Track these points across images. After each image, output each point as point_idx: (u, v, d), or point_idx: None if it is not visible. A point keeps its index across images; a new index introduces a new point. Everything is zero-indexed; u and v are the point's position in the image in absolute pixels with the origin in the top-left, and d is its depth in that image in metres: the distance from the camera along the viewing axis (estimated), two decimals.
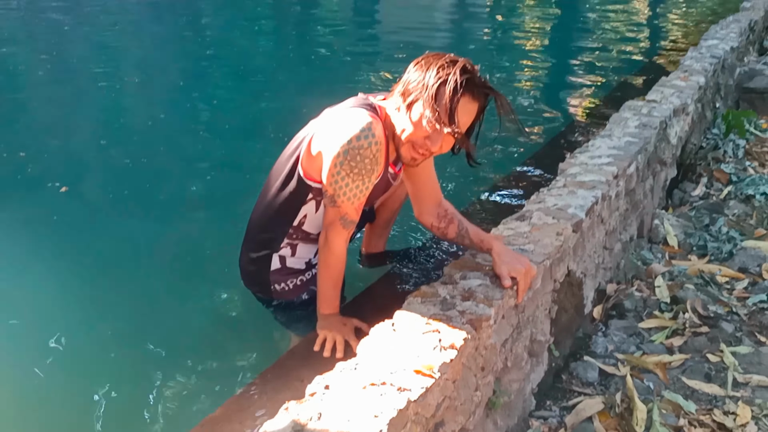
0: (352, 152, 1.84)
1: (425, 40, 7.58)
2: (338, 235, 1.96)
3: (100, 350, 2.31)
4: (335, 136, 1.88)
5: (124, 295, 2.62)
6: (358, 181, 1.88)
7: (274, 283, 2.19)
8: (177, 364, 2.14)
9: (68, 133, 4.49)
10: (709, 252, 3.08)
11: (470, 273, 1.90)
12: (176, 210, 3.44)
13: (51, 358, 2.26)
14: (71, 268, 2.82)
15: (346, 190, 1.89)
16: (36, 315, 2.46)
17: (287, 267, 2.17)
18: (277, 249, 2.15)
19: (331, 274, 2.00)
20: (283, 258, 2.16)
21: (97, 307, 2.55)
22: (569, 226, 2.21)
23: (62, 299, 2.60)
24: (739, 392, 2.19)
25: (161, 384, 2.05)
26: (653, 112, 3.39)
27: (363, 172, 1.87)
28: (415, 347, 1.53)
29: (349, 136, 1.84)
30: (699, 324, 2.53)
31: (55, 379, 2.18)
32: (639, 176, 2.96)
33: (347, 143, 1.84)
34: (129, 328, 2.40)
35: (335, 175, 1.88)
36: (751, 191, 3.64)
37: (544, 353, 2.17)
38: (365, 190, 1.91)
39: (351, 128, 1.85)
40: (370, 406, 1.33)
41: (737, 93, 5.34)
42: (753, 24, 6.48)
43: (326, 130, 1.94)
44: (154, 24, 7.99)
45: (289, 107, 4.85)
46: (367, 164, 1.86)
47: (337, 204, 1.92)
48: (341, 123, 1.89)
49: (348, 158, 1.84)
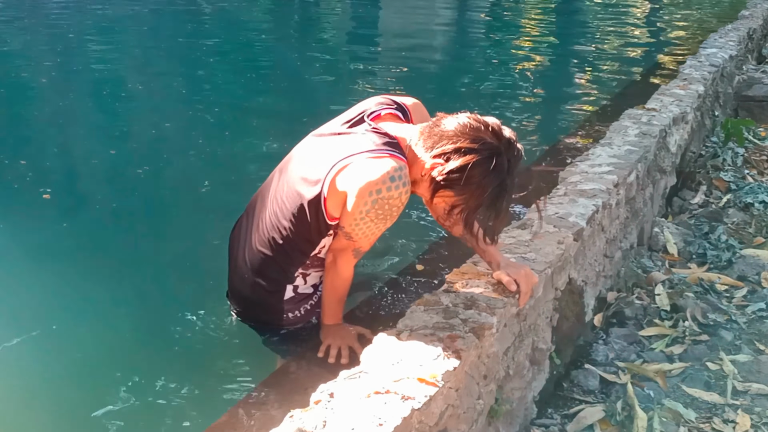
0: (381, 202, 1.78)
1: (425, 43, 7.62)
2: (348, 263, 1.95)
3: (101, 351, 2.31)
4: (364, 184, 1.79)
5: (125, 301, 2.63)
6: (380, 224, 1.84)
7: (287, 312, 2.12)
8: (181, 371, 2.14)
9: (67, 139, 4.50)
10: (708, 260, 3.09)
11: (472, 281, 1.91)
12: (177, 212, 3.44)
13: (48, 365, 2.26)
14: (71, 274, 2.82)
15: (366, 230, 1.85)
16: (33, 321, 2.45)
17: (299, 294, 2.12)
18: (292, 279, 2.08)
19: (337, 294, 2.02)
20: (296, 287, 2.10)
21: (98, 310, 2.55)
22: (570, 234, 2.22)
23: (62, 301, 2.61)
24: (738, 400, 2.21)
25: (164, 392, 2.05)
26: (653, 121, 3.41)
27: (388, 217, 1.83)
28: (418, 355, 1.54)
29: (380, 186, 1.76)
30: (699, 332, 2.55)
31: (55, 381, 2.18)
32: (639, 184, 2.98)
33: (377, 193, 1.77)
34: (130, 335, 2.40)
35: (358, 219, 1.82)
36: (749, 199, 3.66)
37: (546, 361, 2.18)
38: (384, 228, 1.89)
39: (381, 179, 1.76)
40: (375, 414, 1.34)
41: (736, 101, 5.37)
42: (751, 32, 6.52)
43: (354, 175, 1.83)
44: (153, 30, 8.01)
45: (290, 111, 4.88)
46: (394, 211, 1.82)
47: (353, 239, 1.88)
48: (370, 169, 1.80)
49: (376, 207, 1.79)
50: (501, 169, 1.69)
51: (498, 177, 1.70)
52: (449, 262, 2.40)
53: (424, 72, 6.50)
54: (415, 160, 1.82)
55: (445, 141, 1.73)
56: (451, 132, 1.73)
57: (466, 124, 1.73)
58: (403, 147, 1.85)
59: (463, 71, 6.60)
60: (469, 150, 1.69)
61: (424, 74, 6.41)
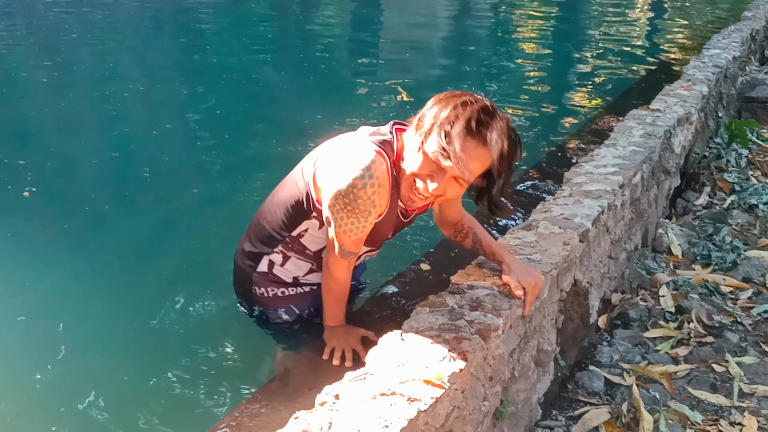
0: (346, 190, 1.78)
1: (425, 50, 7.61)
2: (337, 262, 1.94)
3: (102, 352, 2.32)
4: (335, 171, 1.83)
5: (127, 301, 2.63)
6: (353, 217, 1.83)
7: (255, 284, 2.14)
8: (186, 372, 2.14)
9: (68, 138, 4.49)
10: (713, 261, 3.08)
11: (478, 283, 1.90)
12: (177, 213, 3.44)
13: (49, 364, 2.26)
14: (72, 274, 2.82)
15: (341, 223, 1.85)
16: (32, 323, 2.45)
17: (272, 273, 2.12)
18: (269, 252, 2.10)
19: (334, 295, 2.01)
20: (272, 263, 2.11)
21: (98, 311, 2.56)
22: (576, 235, 2.21)
23: (62, 301, 2.60)
24: (745, 403, 2.19)
25: (169, 392, 2.05)
26: (657, 122, 3.40)
27: (357, 211, 1.82)
28: (424, 357, 1.53)
29: (347, 175, 1.78)
30: (704, 334, 2.53)
31: (56, 381, 2.18)
32: (644, 185, 2.97)
33: (343, 181, 1.78)
34: (133, 336, 2.40)
35: (331, 207, 1.84)
36: (754, 201, 3.65)
37: (551, 363, 2.17)
38: (362, 228, 1.86)
39: (351, 166, 1.79)
40: (381, 416, 1.33)
41: (739, 102, 5.36)
42: (755, 33, 6.51)
43: (329, 162, 1.88)
44: (154, 33, 8.01)
45: (289, 114, 4.87)
46: (361, 205, 1.80)
47: (335, 233, 1.88)
48: (344, 157, 1.83)
49: (342, 195, 1.79)
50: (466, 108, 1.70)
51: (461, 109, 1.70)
52: (455, 263, 2.39)
53: (424, 73, 6.49)
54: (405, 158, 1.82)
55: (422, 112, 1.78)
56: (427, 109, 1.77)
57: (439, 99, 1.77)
58: (398, 148, 1.85)
59: (465, 72, 6.60)
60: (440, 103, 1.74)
61: (425, 75, 6.40)
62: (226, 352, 2.20)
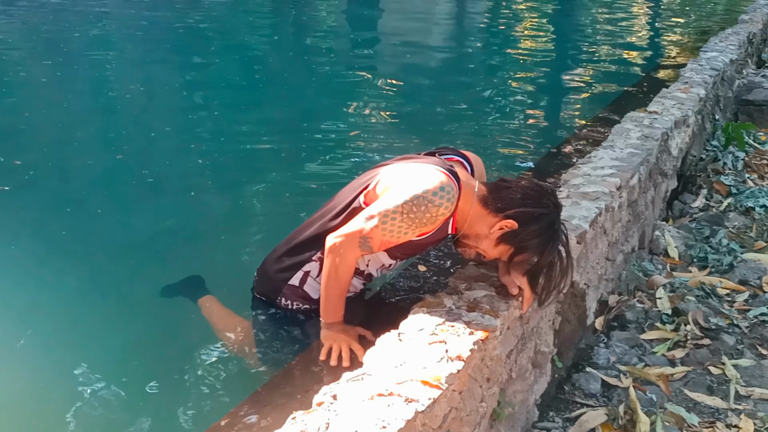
0: (420, 200, 1.82)
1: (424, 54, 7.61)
2: (351, 247, 1.90)
3: (103, 354, 2.31)
4: (411, 181, 1.87)
5: (125, 303, 2.62)
6: (407, 221, 1.84)
7: (282, 296, 2.15)
8: (184, 373, 2.13)
9: (68, 138, 4.48)
10: (709, 264, 3.09)
11: (475, 284, 1.90)
12: (178, 213, 3.43)
13: (48, 364, 2.26)
14: (71, 275, 2.81)
15: (389, 220, 1.85)
16: (31, 323, 2.44)
17: (303, 289, 2.12)
18: (307, 260, 2.10)
19: (339, 282, 1.94)
20: (306, 275, 2.11)
21: (98, 311, 2.55)
22: (573, 237, 2.21)
23: (62, 301, 2.60)
24: (741, 405, 2.20)
25: (166, 393, 2.04)
26: (655, 124, 3.41)
27: (415, 221, 1.84)
28: (421, 358, 1.53)
29: (427, 187, 1.83)
30: (700, 336, 2.54)
31: (55, 381, 2.17)
32: (641, 187, 2.97)
33: (422, 192, 1.82)
34: (133, 337, 2.39)
35: (389, 205, 1.85)
36: (750, 203, 3.65)
37: (548, 364, 2.17)
38: (403, 234, 1.88)
39: (431, 182, 1.84)
40: (378, 417, 1.33)
41: (736, 105, 5.37)
42: (751, 36, 6.53)
43: (402, 175, 1.92)
44: (151, 35, 7.99)
45: (289, 114, 4.87)
46: (424, 218, 1.84)
47: (369, 224, 1.86)
48: (422, 174, 1.88)
49: (414, 202, 1.82)
50: (559, 231, 1.88)
51: (556, 238, 1.87)
52: (452, 264, 2.39)
53: (424, 73, 6.49)
54: (482, 216, 1.89)
55: (515, 204, 1.87)
56: (518, 196, 1.87)
57: (530, 187, 1.90)
58: (463, 190, 1.90)
59: (463, 74, 6.59)
60: (537, 214, 1.85)
61: (425, 75, 6.40)
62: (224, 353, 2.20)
